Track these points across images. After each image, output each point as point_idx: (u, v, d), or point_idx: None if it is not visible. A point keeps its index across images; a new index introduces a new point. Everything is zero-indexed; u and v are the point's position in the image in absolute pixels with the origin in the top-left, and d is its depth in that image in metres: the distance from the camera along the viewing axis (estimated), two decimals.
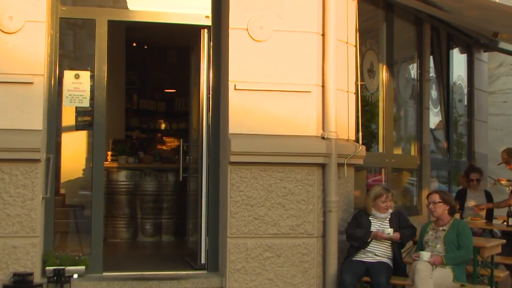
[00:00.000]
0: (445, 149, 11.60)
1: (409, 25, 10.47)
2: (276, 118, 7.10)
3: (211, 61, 7.47)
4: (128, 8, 7.51)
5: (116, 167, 10.57)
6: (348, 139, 7.61)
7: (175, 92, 15.02)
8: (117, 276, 7.08)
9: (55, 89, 7.06)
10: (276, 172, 7.04)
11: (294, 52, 7.19)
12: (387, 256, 7.05)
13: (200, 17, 7.48)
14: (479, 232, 9.09)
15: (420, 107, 10.42)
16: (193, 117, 8.21)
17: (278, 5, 7.16)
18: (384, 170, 9.49)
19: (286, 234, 7.04)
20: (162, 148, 13.42)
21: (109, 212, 10.10)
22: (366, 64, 9.10)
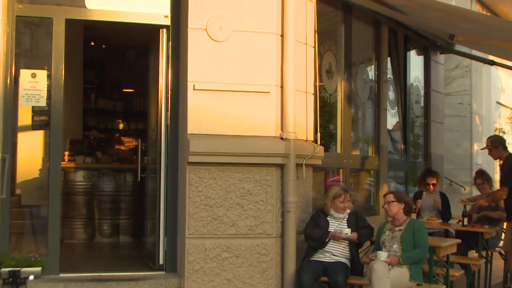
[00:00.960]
0: (402, 150, 11.72)
1: (367, 27, 10.57)
2: (235, 118, 7.09)
3: (170, 61, 7.44)
4: (86, 7, 7.43)
5: (74, 167, 10.47)
6: (307, 139, 7.64)
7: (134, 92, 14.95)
8: (74, 277, 7.01)
9: (11, 88, 6.96)
10: (235, 173, 7.04)
11: (253, 52, 7.19)
12: (345, 256, 7.10)
13: (159, 17, 7.44)
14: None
15: (377, 108, 10.52)
16: (152, 117, 8.17)
17: (238, 6, 7.16)
18: (342, 170, 9.56)
19: (245, 234, 7.04)
20: (120, 148, 13.34)
21: (66, 212, 10.01)
22: (325, 65, 9.15)
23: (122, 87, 15.15)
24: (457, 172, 14.20)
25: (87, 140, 12.13)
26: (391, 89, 11.18)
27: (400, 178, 11.79)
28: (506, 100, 17.44)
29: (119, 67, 14.71)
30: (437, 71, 12.94)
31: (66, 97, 7.32)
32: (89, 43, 13.03)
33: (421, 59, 12.53)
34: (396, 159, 11.57)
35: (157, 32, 7.56)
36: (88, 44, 12.86)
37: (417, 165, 12.02)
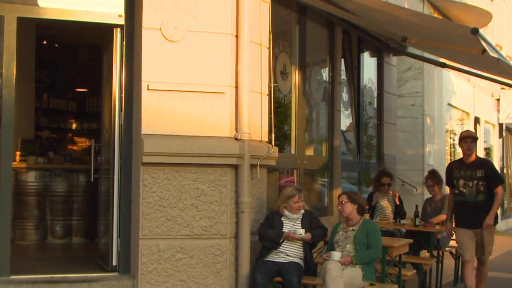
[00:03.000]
0: (355, 150, 11.82)
1: (321, 28, 10.64)
2: (189, 118, 7.08)
3: (124, 60, 7.39)
4: (39, 5, 7.33)
5: (25, 167, 10.32)
6: (261, 140, 7.66)
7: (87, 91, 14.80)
8: (25, 279, 6.90)
9: None
10: (189, 173, 7.02)
11: (208, 53, 7.18)
12: (299, 257, 7.13)
13: (113, 16, 7.38)
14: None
15: (331, 109, 10.59)
16: (105, 117, 8.10)
17: (192, 6, 7.15)
18: (296, 171, 9.60)
19: (199, 235, 7.03)
20: (73, 148, 13.18)
21: (17, 213, 9.85)
22: (279, 66, 9.18)
23: (75, 86, 14.98)
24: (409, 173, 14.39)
25: (39, 140, 11.96)
26: (344, 90, 11.26)
27: (353, 179, 11.89)
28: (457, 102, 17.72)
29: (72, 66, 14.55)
30: (390, 72, 13.08)
31: (17, 97, 7.22)
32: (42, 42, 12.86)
33: (374, 60, 12.66)
34: (349, 160, 11.66)
35: (111, 31, 7.49)
36: (40, 43, 12.69)
37: (370, 166, 12.14)
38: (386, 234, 8.87)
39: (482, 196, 8.25)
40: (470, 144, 8.38)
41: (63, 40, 13.49)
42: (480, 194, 8.24)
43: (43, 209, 10.35)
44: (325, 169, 10.50)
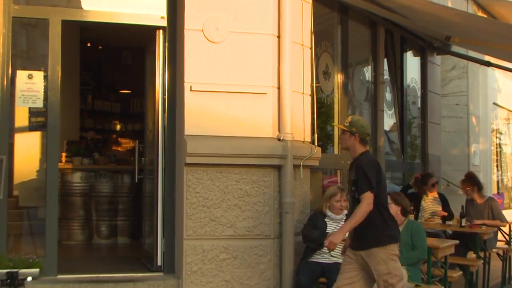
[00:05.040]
0: (399, 150, 11.73)
1: (364, 28, 10.57)
2: (232, 119, 7.09)
3: (167, 62, 7.44)
4: (82, 8, 7.43)
5: (71, 168, 10.46)
6: (304, 140, 7.64)
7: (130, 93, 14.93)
8: (72, 278, 7.00)
9: (8, 89, 6.96)
10: (232, 174, 7.03)
11: (249, 53, 7.19)
12: None
13: (156, 18, 7.44)
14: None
15: (374, 109, 10.53)
16: (149, 118, 8.16)
17: (234, 7, 7.16)
18: (340, 171, 9.55)
19: (243, 235, 7.04)
20: (117, 149, 13.32)
21: (64, 214, 9.99)
22: (322, 66, 9.15)
23: (119, 88, 15.13)
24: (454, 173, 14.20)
25: (84, 141, 12.12)
26: (388, 90, 11.18)
27: (397, 179, 11.79)
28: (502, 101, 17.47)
29: (115, 68, 14.69)
30: (434, 72, 12.95)
31: (63, 98, 7.32)
32: (86, 44, 13.02)
33: (417, 60, 12.55)
34: (393, 160, 11.57)
35: (154, 33, 7.55)
36: (84, 45, 12.84)
37: (415, 166, 12.02)
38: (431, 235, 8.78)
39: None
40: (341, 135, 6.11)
41: (107, 42, 13.64)
42: (356, 203, 5.80)
43: (88, 210, 10.47)
44: None
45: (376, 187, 5.66)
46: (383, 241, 5.68)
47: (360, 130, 5.89)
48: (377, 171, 5.74)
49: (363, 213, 5.58)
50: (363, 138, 5.91)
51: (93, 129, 14.20)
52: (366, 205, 5.59)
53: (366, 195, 5.61)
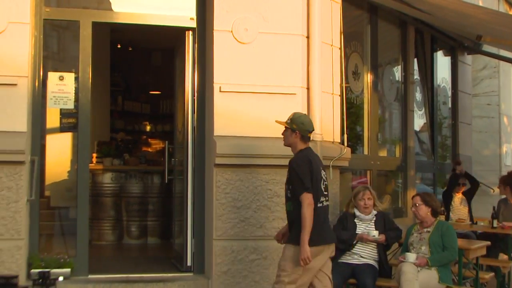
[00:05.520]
0: (429, 151, 11.65)
1: (393, 27, 10.52)
2: (261, 120, 7.09)
3: (196, 63, 7.46)
4: (113, 10, 7.48)
5: (101, 169, 10.54)
6: (333, 141, 7.62)
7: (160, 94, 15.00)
8: (103, 278, 7.04)
9: (39, 90, 7.02)
10: (262, 174, 7.03)
11: (279, 54, 7.19)
12: (373, 258, 7.06)
13: (185, 19, 7.46)
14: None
15: (404, 109, 10.47)
16: (178, 119, 8.19)
17: (263, 7, 7.17)
18: (369, 172, 9.52)
19: (272, 236, 7.01)
20: (147, 150, 13.38)
21: (95, 214, 10.06)
22: (351, 66, 9.13)
23: (149, 89, 15.21)
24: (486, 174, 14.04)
25: (114, 142, 12.20)
26: (418, 90, 11.12)
27: (428, 180, 11.72)
28: None
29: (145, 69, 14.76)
30: (465, 71, 12.85)
31: (93, 100, 7.37)
32: (116, 46, 13.10)
33: (448, 60, 12.46)
34: (423, 161, 11.50)
35: (183, 34, 7.58)
36: (114, 46, 12.93)
37: (445, 167, 11.93)
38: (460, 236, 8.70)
39: (290, 205, 5.89)
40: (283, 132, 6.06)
41: (137, 44, 13.72)
42: (288, 201, 5.90)
43: (119, 210, 10.54)
44: (399, 170, 10.37)
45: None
46: (298, 241, 5.60)
47: (300, 127, 5.87)
48: (310, 170, 5.68)
49: (308, 215, 5.53)
50: (304, 135, 5.88)
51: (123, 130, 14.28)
52: (307, 206, 5.56)
53: (304, 196, 5.58)
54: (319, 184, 5.75)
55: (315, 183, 5.69)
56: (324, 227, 5.76)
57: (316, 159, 5.89)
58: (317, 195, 5.69)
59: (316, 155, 6.02)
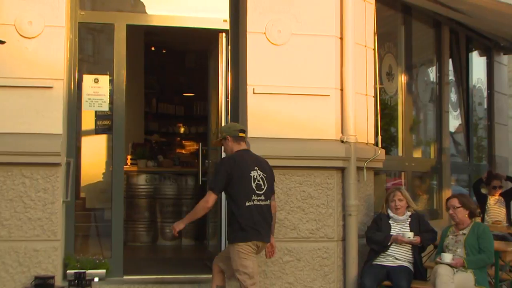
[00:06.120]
0: (465, 152, 11.54)
1: (428, 28, 10.44)
2: (294, 121, 7.09)
3: (230, 64, 7.48)
4: (147, 13, 7.54)
5: (136, 171, 10.60)
6: (368, 142, 7.59)
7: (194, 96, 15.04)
8: (138, 279, 7.09)
9: (75, 93, 7.09)
10: (295, 176, 7.03)
11: (312, 55, 7.18)
12: (408, 260, 7.01)
13: (218, 21, 7.48)
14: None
15: (439, 110, 10.38)
16: (212, 120, 8.22)
17: (296, 9, 7.16)
18: (404, 173, 9.45)
19: (306, 238, 7.03)
20: (181, 152, 13.44)
21: (129, 216, 10.13)
22: (385, 67, 9.07)
23: (183, 91, 15.26)
24: None
25: (149, 144, 12.28)
26: (453, 91, 11.02)
27: (463, 181, 11.60)
28: None
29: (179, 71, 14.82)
30: (501, 72, 12.70)
31: (128, 102, 7.43)
32: (150, 48, 13.18)
33: (483, 60, 12.32)
34: (459, 162, 11.40)
35: (217, 36, 7.60)
36: (148, 49, 13.01)
37: (481, 168, 11.80)
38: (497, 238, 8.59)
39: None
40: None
41: (171, 46, 13.78)
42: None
43: (153, 212, 10.59)
44: (434, 171, 10.28)
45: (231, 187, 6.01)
46: (231, 238, 6.09)
47: (228, 131, 6.29)
48: (228, 173, 6.00)
49: (200, 207, 6.12)
50: (235, 135, 6.25)
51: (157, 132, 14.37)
52: (203, 202, 6.07)
53: (208, 193, 6.05)
54: (247, 184, 6.03)
55: (239, 184, 6.01)
56: (254, 226, 6.01)
57: (246, 161, 6.15)
58: (245, 195, 6.01)
59: (251, 157, 6.27)
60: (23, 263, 6.57)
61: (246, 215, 6.01)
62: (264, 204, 6.12)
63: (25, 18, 6.65)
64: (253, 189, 6.05)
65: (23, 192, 6.59)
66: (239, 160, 6.12)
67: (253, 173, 6.10)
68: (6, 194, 6.56)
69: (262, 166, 6.25)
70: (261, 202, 6.09)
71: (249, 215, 6.02)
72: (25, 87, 6.65)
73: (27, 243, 6.59)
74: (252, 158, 6.25)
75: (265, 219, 6.13)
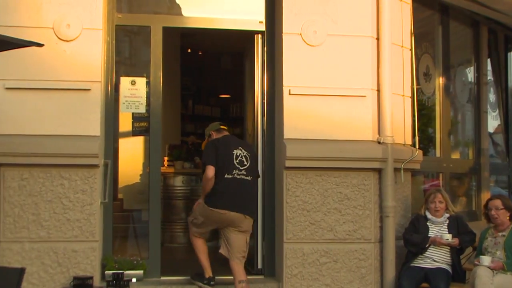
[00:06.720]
0: (504, 153, 11.40)
1: (465, 27, 10.34)
2: (331, 122, 7.07)
3: (265, 66, 7.49)
4: (183, 15, 7.58)
5: (173, 172, 10.65)
6: (405, 143, 7.53)
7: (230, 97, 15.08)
8: (175, 280, 7.13)
9: (112, 95, 7.16)
10: (332, 177, 7.01)
11: (348, 56, 7.16)
12: (446, 262, 6.94)
13: (254, 23, 7.50)
14: None
15: (477, 111, 10.27)
16: (248, 122, 8.23)
17: (332, 10, 7.14)
18: (442, 175, 9.37)
19: (343, 239, 7.00)
20: None
21: (166, 217, 10.16)
22: (422, 67, 9.01)
23: (219, 92, 15.31)
24: None
25: (185, 146, 12.32)
26: (491, 91, 10.90)
27: (502, 182, 11.47)
28: None
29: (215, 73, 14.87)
30: None
31: (164, 104, 7.47)
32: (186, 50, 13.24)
33: None
34: (498, 163, 11.28)
35: (252, 37, 7.61)
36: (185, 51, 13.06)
37: None
38: None
39: None
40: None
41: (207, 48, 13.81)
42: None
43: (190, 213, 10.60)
44: (472, 172, 10.18)
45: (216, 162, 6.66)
46: (206, 201, 6.77)
47: (210, 128, 7.20)
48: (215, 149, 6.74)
49: (204, 182, 6.74)
50: (217, 129, 7.13)
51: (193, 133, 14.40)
52: (204, 176, 6.71)
53: (206, 168, 6.69)
54: (229, 160, 6.69)
55: (223, 158, 6.67)
56: (224, 196, 6.65)
57: (230, 141, 6.90)
58: (226, 168, 6.66)
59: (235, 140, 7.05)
60: (62, 263, 6.65)
61: (223, 183, 6.65)
62: (245, 179, 6.73)
63: (63, 21, 6.73)
64: (234, 164, 6.70)
65: (62, 194, 6.66)
66: (222, 140, 6.89)
67: (236, 151, 6.76)
68: (45, 195, 6.64)
69: (247, 147, 6.97)
70: (242, 176, 6.71)
71: (226, 184, 6.66)
72: (64, 90, 6.72)
73: (66, 243, 6.67)
74: (236, 141, 7.03)
75: (245, 192, 6.75)
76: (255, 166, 6.98)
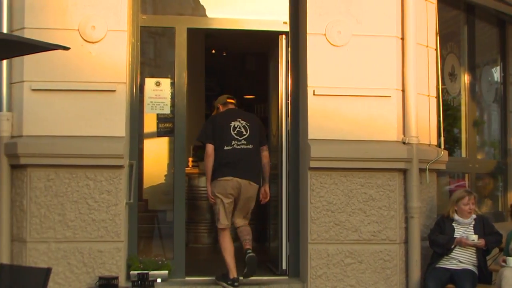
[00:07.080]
0: None
1: (491, 27, 10.25)
2: (355, 123, 7.05)
3: (290, 66, 7.49)
4: (207, 16, 7.61)
5: (197, 173, 10.65)
6: (430, 143, 7.50)
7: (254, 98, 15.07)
8: (199, 281, 7.16)
9: (137, 96, 7.20)
10: (357, 178, 6.99)
11: (373, 56, 7.13)
12: (472, 263, 6.89)
13: (278, 23, 7.50)
14: None
15: (504, 111, 10.18)
16: (273, 122, 8.23)
17: (356, 10, 7.12)
18: (468, 175, 9.30)
19: (368, 240, 6.98)
20: None
21: (191, 217, 10.19)
22: (447, 67, 8.95)
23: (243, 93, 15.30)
24: None
25: None
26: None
27: None
28: None
29: (239, 74, 14.86)
30: None
31: (189, 105, 7.51)
32: (210, 51, 13.26)
33: None
34: None
35: (276, 38, 7.62)
36: (209, 52, 13.09)
37: None
38: None
39: None
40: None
41: (231, 49, 13.82)
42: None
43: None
44: (499, 173, 10.09)
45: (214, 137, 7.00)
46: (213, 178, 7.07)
47: (218, 101, 7.51)
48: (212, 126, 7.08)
49: (205, 162, 7.10)
50: (224, 102, 7.47)
51: None
52: (204, 155, 7.08)
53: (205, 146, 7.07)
54: (226, 133, 7.02)
55: (220, 133, 7.01)
56: (228, 165, 6.98)
57: (229, 114, 7.22)
58: (224, 140, 7.00)
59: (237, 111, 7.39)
60: (88, 263, 6.70)
61: (224, 155, 6.98)
62: (246, 148, 7.06)
63: (88, 23, 6.77)
64: (232, 135, 7.04)
65: (87, 194, 6.71)
66: (220, 116, 7.25)
67: (234, 123, 7.09)
68: (71, 196, 6.70)
69: (247, 117, 7.28)
70: (242, 146, 7.05)
71: (226, 155, 6.98)
72: (89, 91, 6.77)
73: (92, 244, 6.72)
74: (236, 112, 7.34)
75: (247, 160, 7.04)
76: (256, 134, 7.17)
